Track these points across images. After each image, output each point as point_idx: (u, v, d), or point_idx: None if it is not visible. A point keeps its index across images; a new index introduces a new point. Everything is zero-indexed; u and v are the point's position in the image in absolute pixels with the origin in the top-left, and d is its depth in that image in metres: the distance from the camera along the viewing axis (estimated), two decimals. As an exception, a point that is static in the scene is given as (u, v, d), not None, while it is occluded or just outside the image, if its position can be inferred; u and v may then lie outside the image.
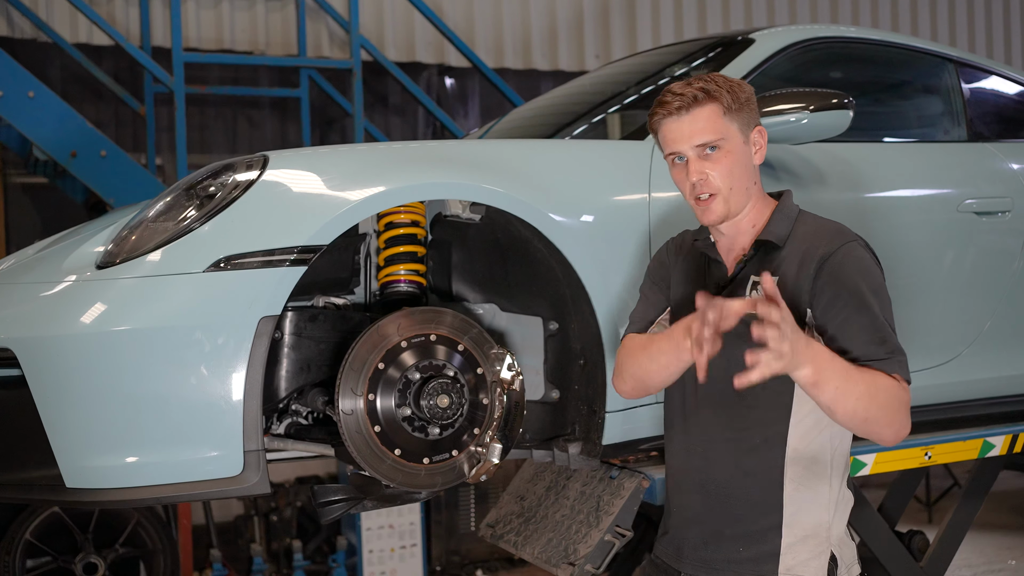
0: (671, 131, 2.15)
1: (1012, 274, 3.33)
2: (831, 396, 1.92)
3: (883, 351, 1.99)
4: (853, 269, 2.05)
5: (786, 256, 2.12)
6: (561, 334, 2.72)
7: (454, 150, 2.76)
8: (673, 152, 2.16)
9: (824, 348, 1.95)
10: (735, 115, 2.13)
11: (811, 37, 3.26)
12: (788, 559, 2.10)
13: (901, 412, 1.98)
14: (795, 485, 2.12)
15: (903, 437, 2.00)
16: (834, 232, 2.12)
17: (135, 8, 6.56)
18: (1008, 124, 3.65)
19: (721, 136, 2.12)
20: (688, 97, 2.12)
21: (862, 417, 1.95)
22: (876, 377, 1.96)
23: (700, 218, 2.18)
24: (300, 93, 6.65)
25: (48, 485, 2.25)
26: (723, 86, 2.14)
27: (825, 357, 1.92)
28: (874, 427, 1.97)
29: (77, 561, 4.72)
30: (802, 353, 1.87)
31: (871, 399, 1.94)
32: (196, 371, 2.19)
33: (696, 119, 2.12)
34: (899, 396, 1.97)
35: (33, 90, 5.12)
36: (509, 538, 3.07)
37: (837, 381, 1.91)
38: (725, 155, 2.13)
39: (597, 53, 7.87)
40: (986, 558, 5.88)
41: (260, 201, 2.33)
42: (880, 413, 1.95)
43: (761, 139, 2.19)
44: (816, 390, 1.92)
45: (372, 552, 5.34)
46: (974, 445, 3.25)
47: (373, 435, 2.39)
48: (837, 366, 1.93)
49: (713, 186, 2.13)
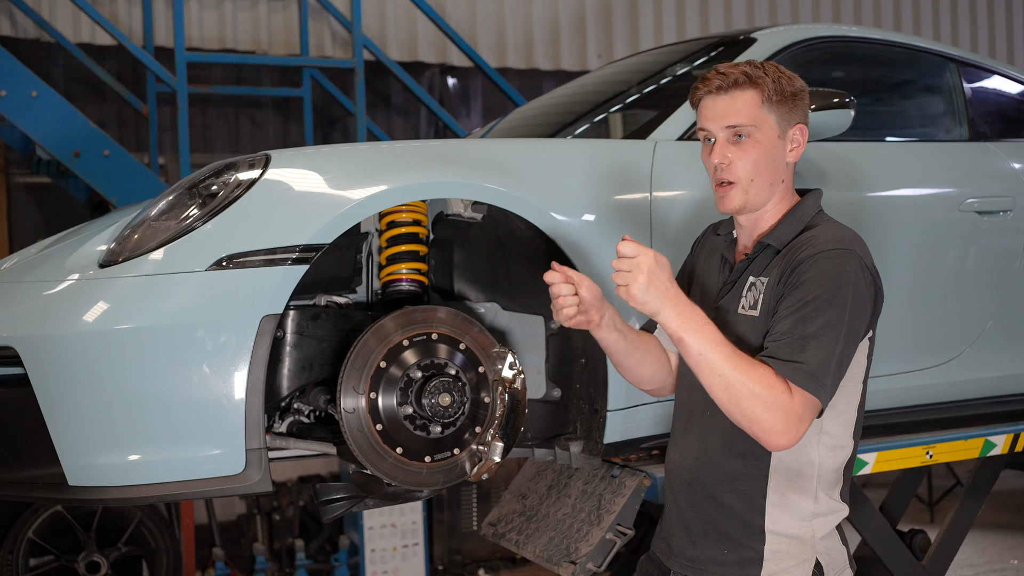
0: (707, 107, 2.11)
1: (1014, 273, 3.33)
2: (693, 360, 1.94)
3: (793, 354, 1.93)
4: (817, 276, 1.98)
5: (780, 258, 2.08)
6: (562, 333, 2.72)
7: (456, 149, 2.76)
8: (704, 130, 2.13)
9: (706, 316, 1.96)
10: (775, 106, 2.08)
11: (813, 36, 3.26)
12: (771, 565, 2.08)
13: (771, 414, 1.90)
14: (778, 495, 2.09)
15: (779, 444, 1.93)
16: (828, 239, 2.04)
17: (138, 8, 6.57)
18: (1010, 123, 3.65)
19: (754, 124, 2.07)
20: (730, 78, 2.08)
21: (721, 399, 1.93)
22: (757, 369, 1.92)
23: (717, 205, 2.14)
24: (302, 93, 6.65)
25: (51, 483, 2.25)
26: (770, 75, 2.09)
27: (698, 320, 1.94)
28: (735, 415, 1.94)
29: (80, 560, 4.73)
30: (668, 299, 1.93)
31: (734, 386, 1.91)
32: (198, 369, 2.20)
33: (733, 101, 2.08)
34: (774, 398, 1.90)
35: (36, 90, 5.12)
36: (511, 537, 3.07)
37: (702, 348, 1.92)
38: (754, 144, 2.08)
39: (599, 53, 7.87)
40: (988, 557, 5.87)
41: (262, 200, 2.33)
42: (744, 404, 1.91)
43: (801, 137, 2.13)
44: (681, 347, 1.96)
45: (374, 551, 5.34)
46: (976, 444, 3.25)
47: (375, 433, 2.39)
48: (711, 335, 1.93)
49: (734, 174, 2.09)
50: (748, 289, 2.11)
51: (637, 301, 1.95)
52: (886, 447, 3.07)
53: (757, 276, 2.10)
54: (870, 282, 2.03)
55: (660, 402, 2.71)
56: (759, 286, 2.09)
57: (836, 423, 2.09)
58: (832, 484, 2.12)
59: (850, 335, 1.98)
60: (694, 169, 2.81)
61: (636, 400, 2.66)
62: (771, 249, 2.11)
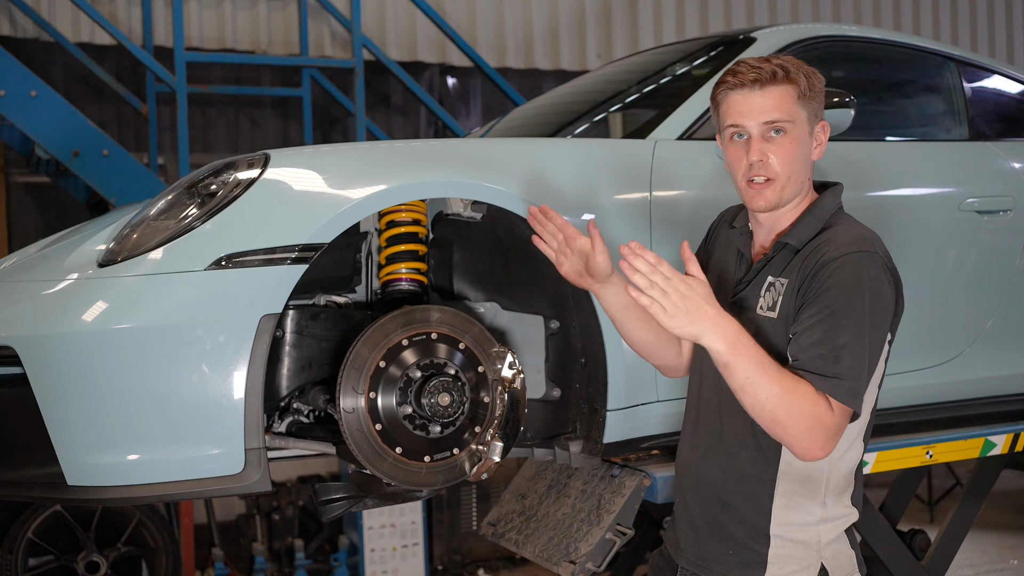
0: (738, 103, 2.02)
1: (1014, 273, 3.33)
2: (739, 383, 1.87)
3: (828, 368, 1.89)
4: (842, 282, 1.93)
5: (800, 259, 2.03)
6: (562, 332, 2.72)
7: (455, 149, 2.76)
8: (736, 125, 2.04)
9: (749, 336, 1.89)
10: (807, 103, 2.03)
11: (813, 36, 3.26)
12: (775, 568, 2.06)
13: (814, 431, 1.87)
14: (785, 499, 2.07)
15: (814, 457, 1.90)
16: (849, 241, 1.99)
17: (137, 8, 6.57)
18: (1010, 123, 3.65)
19: (791, 119, 2.01)
20: (766, 72, 2.00)
21: (767, 419, 1.88)
22: (801, 387, 1.88)
23: (749, 203, 2.07)
24: (302, 92, 6.65)
25: (50, 483, 2.25)
26: (801, 70, 2.03)
27: (746, 343, 1.87)
28: (780, 433, 1.89)
29: (79, 560, 4.72)
30: (708, 321, 1.85)
31: (781, 404, 1.85)
32: (197, 369, 2.20)
33: (769, 96, 2.00)
34: (817, 415, 1.87)
35: (35, 89, 5.12)
36: (510, 536, 3.07)
37: (750, 371, 1.85)
38: (791, 141, 2.02)
39: (599, 52, 7.87)
40: (988, 557, 5.87)
41: (261, 199, 2.33)
42: (789, 422, 1.86)
43: (823, 135, 2.08)
44: (726, 371, 1.88)
45: (374, 551, 5.34)
46: (975, 444, 3.24)
47: (374, 433, 2.39)
48: (756, 356, 1.86)
49: (772, 171, 2.02)
50: (767, 289, 2.06)
51: (675, 323, 1.87)
52: (886, 447, 3.07)
53: (776, 276, 2.06)
54: (891, 284, 1.99)
55: (660, 402, 2.71)
56: (778, 287, 2.04)
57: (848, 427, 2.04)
58: (843, 489, 2.10)
59: (877, 341, 1.96)
60: (694, 169, 2.81)
61: (636, 400, 2.66)
62: (790, 248, 2.06)
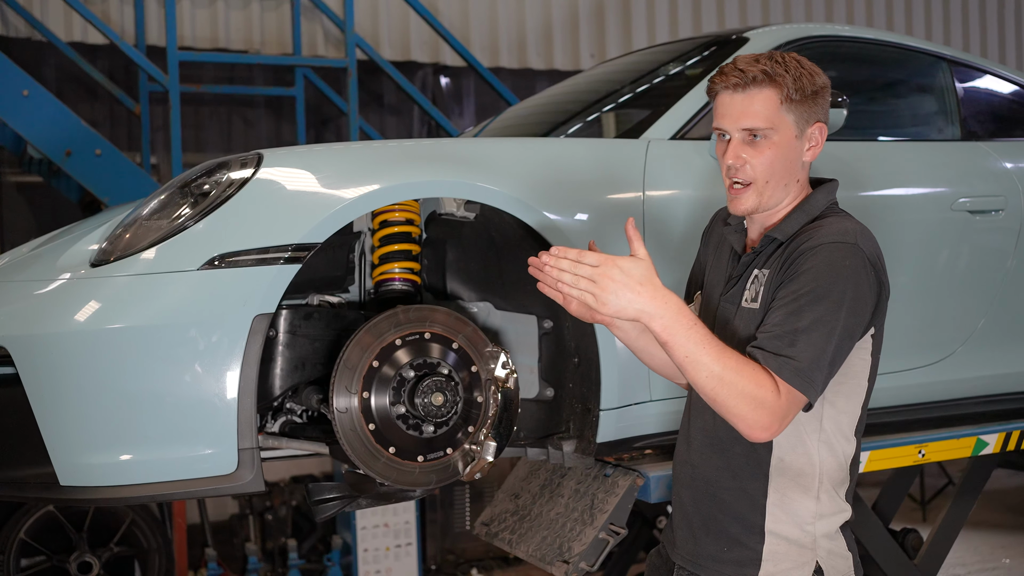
0: (723, 104, 2.05)
1: (1006, 273, 3.34)
2: (680, 360, 1.88)
3: (781, 349, 1.89)
4: (815, 268, 1.93)
5: (782, 250, 2.04)
6: (555, 332, 2.72)
7: (449, 148, 2.76)
8: (719, 127, 2.06)
9: (691, 313, 1.89)
10: (794, 105, 2.02)
11: (805, 36, 3.26)
12: (769, 566, 2.06)
13: (757, 411, 1.86)
14: (779, 495, 2.07)
15: (757, 438, 1.90)
16: (831, 232, 1.99)
17: (130, 7, 6.56)
18: (1001, 123, 3.66)
19: (770, 126, 2.01)
20: (748, 76, 2.00)
21: (710, 397, 1.88)
22: (746, 366, 1.87)
23: (729, 206, 2.10)
24: (295, 92, 6.64)
25: (42, 483, 2.25)
26: (790, 72, 2.01)
27: (686, 321, 1.87)
28: (722, 411, 1.89)
29: (72, 560, 4.71)
30: (644, 300, 1.86)
31: (722, 383, 1.86)
32: (190, 369, 2.19)
33: (750, 101, 2.01)
34: (761, 396, 1.86)
35: (28, 89, 5.10)
36: (504, 536, 3.07)
37: (689, 349, 1.86)
38: (770, 146, 2.02)
39: (592, 52, 7.87)
40: (980, 556, 5.89)
41: (254, 199, 2.33)
42: (730, 400, 1.86)
43: (820, 136, 2.07)
44: (667, 349, 1.89)
45: (367, 551, 5.34)
46: (968, 443, 3.25)
47: (368, 433, 2.39)
48: (697, 335, 1.87)
49: (748, 175, 2.03)
50: (752, 282, 2.08)
51: (611, 310, 1.88)
52: (878, 446, 3.08)
53: (760, 269, 2.07)
54: (873, 278, 1.97)
55: (653, 401, 2.72)
56: (761, 279, 2.06)
57: (836, 421, 2.06)
58: (838, 483, 2.10)
59: (845, 332, 1.94)
60: (687, 168, 2.81)
61: (629, 399, 2.66)
62: (776, 242, 2.07)
